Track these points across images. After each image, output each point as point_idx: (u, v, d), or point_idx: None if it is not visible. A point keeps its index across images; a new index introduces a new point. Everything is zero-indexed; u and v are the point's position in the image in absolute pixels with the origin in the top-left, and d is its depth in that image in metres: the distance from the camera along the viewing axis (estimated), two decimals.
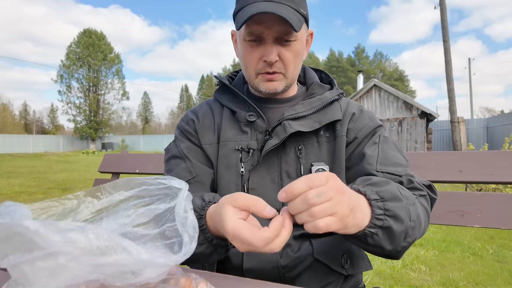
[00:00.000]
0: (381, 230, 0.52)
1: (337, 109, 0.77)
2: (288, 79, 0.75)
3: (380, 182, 0.57)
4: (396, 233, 0.53)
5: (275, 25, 0.67)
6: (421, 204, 0.62)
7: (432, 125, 15.36)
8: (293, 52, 0.71)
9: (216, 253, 0.59)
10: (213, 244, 0.57)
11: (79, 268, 0.31)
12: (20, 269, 0.32)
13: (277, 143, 0.70)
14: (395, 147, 0.75)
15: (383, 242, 0.53)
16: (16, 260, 0.32)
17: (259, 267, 0.69)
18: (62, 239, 0.33)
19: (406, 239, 0.56)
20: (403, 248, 0.57)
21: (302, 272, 0.70)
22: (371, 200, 0.52)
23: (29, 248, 0.33)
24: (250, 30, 0.69)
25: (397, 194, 0.55)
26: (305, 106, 0.76)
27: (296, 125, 0.72)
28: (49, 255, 0.32)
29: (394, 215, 0.52)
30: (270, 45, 0.69)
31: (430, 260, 2.63)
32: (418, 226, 0.58)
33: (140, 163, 1.39)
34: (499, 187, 4.07)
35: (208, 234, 0.57)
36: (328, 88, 0.82)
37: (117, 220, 0.48)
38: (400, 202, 0.54)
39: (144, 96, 57.83)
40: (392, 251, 0.56)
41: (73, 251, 0.31)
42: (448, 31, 9.87)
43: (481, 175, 0.94)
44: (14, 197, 5.48)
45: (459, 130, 9.90)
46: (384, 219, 0.51)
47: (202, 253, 0.58)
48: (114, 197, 0.50)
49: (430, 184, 0.70)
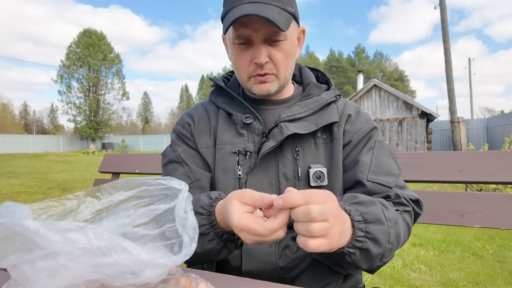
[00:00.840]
0: (359, 251, 0.54)
1: (334, 111, 0.76)
2: (281, 80, 0.74)
3: (366, 202, 0.58)
4: (373, 255, 0.55)
5: (262, 26, 0.66)
6: (403, 220, 0.64)
7: (432, 125, 15.36)
8: (284, 52, 0.71)
9: (226, 248, 0.60)
10: (223, 239, 0.59)
11: (79, 268, 0.31)
12: (20, 269, 0.32)
13: (274, 145, 0.70)
14: (389, 154, 0.75)
15: (359, 262, 0.55)
16: (16, 260, 0.32)
17: (258, 269, 0.69)
18: (62, 239, 0.32)
19: (382, 260, 0.58)
20: (378, 267, 0.60)
21: (301, 272, 0.70)
22: (354, 221, 0.53)
23: (29, 248, 0.33)
24: (237, 34, 0.69)
25: (380, 218, 0.56)
26: (302, 107, 0.75)
27: (293, 127, 0.71)
28: (49, 255, 0.32)
29: (374, 238, 0.54)
30: (259, 46, 0.69)
31: (430, 260, 2.63)
32: (396, 246, 0.60)
33: (140, 163, 1.39)
34: (499, 187, 4.07)
35: (218, 230, 0.58)
36: (325, 88, 0.82)
37: (117, 221, 0.48)
38: (381, 225, 0.56)
39: (144, 96, 57.88)
40: (366, 269, 0.59)
41: (73, 251, 0.31)
42: (448, 31, 9.87)
43: (481, 175, 0.94)
44: (14, 197, 5.47)
45: (459, 130, 9.90)
46: (363, 241, 0.53)
47: (213, 249, 0.59)
48: (114, 198, 0.50)
49: (418, 199, 0.70)
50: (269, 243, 0.70)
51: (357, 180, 0.70)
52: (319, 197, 0.46)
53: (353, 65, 45.28)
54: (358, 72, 16.56)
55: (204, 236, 0.58)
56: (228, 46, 0.76)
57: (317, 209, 0.45)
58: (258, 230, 0.47)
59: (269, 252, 0.69)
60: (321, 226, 0.45)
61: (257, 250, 0.70)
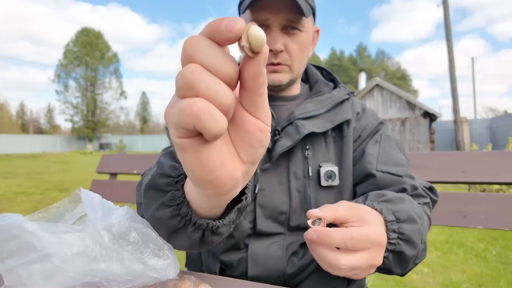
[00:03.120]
0: (392, 254, 0.49)
1: (348, 109, 0.74)
2: (294, 73, 0.71)
3: (394, 199, 0.54)
4: (407, 258, 0.50)
5: (282, 11, 0.63)
6: (425, 212, 0.60)
7: (435, 125, 15.29)
8: (299, 44, 0.68)
9: (184, 232, 0.41)
10: (183, 213, 0.38)
11: (73, 270, 0.31)
12: (15, 273, 0.32)
13: (291, 144, 0.67)
14: (396, 146, 0.73)
15: (392, 266, 0.50)
16: (11, 264, 0.32)
17: (264, 275, 0.67)
18: (57, 240, 0.32)
19: (414, 262, 0.53)
20: (409, 270, 0.55)
21: (307, 277, 0.68)
22: (387, 222, 0.49)
23: (25, 251, 0.32)
24: (255, 17, 0.65)
25: (412, 216, 0.52)
26: (314, 104, 0.72)
27: (308, 125, 0.69)
28: (45, 257, 0.32)
29: (408, 239, 0.49)
30: (275, 33, 0.66)
31: (432, 262, 2.61)
32: (426, 246, 0.56)
33: (138, 164, 1.38)
34: (503, 187, 4.04)
35: (180, 193, 0.38)
36: (332, 86, 0.80)
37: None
38: (414, 224, 0.51)
39: (143, 95, 57.81)
40: (399, 274, 0.54)
41: (66, 252, 0.30)
42: (451, 30, 9.81)
43: (485, 175, 0.93)
44: (12, 197, 5.45)
45: (463, 130, 9.84)
46: (397, 243, 0.48)
47: (166, 221, 0.40)
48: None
49: (431, 186, 0.68)
50: (276, 247, 0.68)
51: (367, 173, 0.67)
52: (365, 242, 0.41)
53: (355, 64, 45.16)
54: (360, 71, 16.51)
55: (159, 195, 0.40)
56: None
57: (357, 265, 0.41)
58: None
59: (276, 258, 0.67)
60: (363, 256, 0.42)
61: (264, 255, 0.68)
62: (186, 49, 0.23)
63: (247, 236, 0.70)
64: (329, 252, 0.42)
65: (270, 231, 0.69)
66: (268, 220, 0.69)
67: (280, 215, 0.69)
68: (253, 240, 0.69)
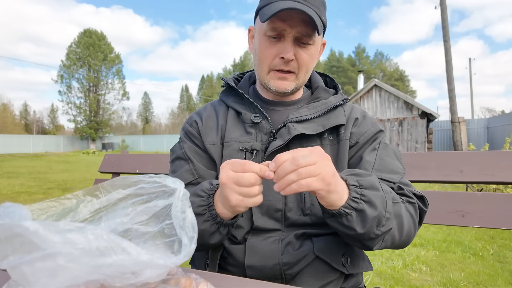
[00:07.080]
0: (355, 212, 0.56)
1: (341, 114, 0.79)
2: (299, 81, 0.76)
3: (362, 173, 0.61)
4: (369, 218, 0.56)
5: (299, 25, 0.69)
6: (406, 208, 0.65)
7: (432, 125, 15.36)
8: (309, 56, 0.73)
9: (218, 232, 0.63)
10: (217, 221, 0.61)
11: (78, 269, 0.31)
12: (20, 270, 0.32)
13: (281, 144, 0.72)
14: (394, 154, 0.77)
15: (355, 224, 0.57)
16: (15, 261, 0.32)
17: (260, 263, 0.70)
18: (61, 239, 0.32)
19: (379, 227, 0.58)
20: (376, 236, 0.59)
21: (303, 269, 0.70)
22: (350, 185, 0.57)
23: (29, 249, 0.32)
24: (273, 26, 0.70)
25: (376, 185, 0.59)
26: (309, 109, 0.77)
27: (300, 128, 0.73)
28: (48, 255, 0.32)
29: (369, 200, 0.56)
30: (289, 42, 0.71)
31: (430, 261, 2.62)
32: (396, 222, 0.61)
33: (140, 163, 1.39)
34: (500, 187, 4.06)
35: (213, 211, 0.61)
36: (333, 92, 0.84)
37: (116, 219, 0.48)
38: (377, 191, 0.58)
39: (144, 96, 57.85)
40: (364, 235, 0.59)
41: (72, 252, 0.31)
42: (449, 31, 9.86)
43: (482, 175, 0.94)
44: (15, 197, 5.48)
45: (460, 130, 9.89)
46: (359, 202, 0.56)
47: (206, 230, 0.62)
48: (112, 196, 0.50)
49: (423, 195, 0.71)
50: (273, 240, 0.71)
51: None
52: (305, 149, 0.52)
53: (354, 65, 45.27)
54: (358, 72, 16.56)
55: (200, 217, 0.61)
56: (255, 37, 0.78)
57: (300, 154, 0.50)
58: (240, 161, 0.53)
59: (272, 248, 0.70)
60: (309, 168, 0.50)
61: (260, 245, 0.71)
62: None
63: (247, 232, 0.74)
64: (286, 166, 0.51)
65: (267, 227, 0.73)
66: (264, 216, 0.73)
67: (276, 212, 0.73)
68: (252, 234, 0.73)
